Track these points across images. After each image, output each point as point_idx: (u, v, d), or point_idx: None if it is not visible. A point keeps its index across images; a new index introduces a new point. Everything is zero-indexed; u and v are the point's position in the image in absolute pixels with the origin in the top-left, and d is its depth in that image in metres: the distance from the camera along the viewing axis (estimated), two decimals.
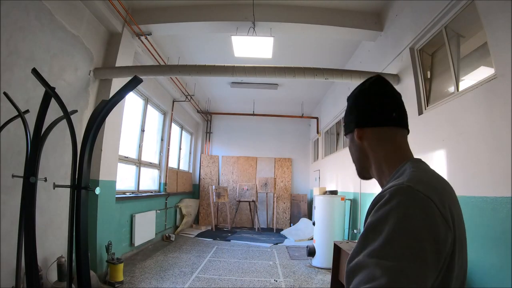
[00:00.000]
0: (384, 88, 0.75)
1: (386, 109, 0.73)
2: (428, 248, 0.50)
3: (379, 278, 0.46)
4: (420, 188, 0.55)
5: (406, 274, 0.47)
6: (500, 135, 2.02)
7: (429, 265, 0.50)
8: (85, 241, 1.40)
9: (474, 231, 2.24)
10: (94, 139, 1.46)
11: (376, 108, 0.74)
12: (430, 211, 0.53)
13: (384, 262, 0.48)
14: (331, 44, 5.13)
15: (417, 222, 0.51)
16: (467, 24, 2.63)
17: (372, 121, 0.73)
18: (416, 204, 0.53)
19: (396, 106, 0.74)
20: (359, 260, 0.52)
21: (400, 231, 0.51)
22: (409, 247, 0.49)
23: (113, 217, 3.95)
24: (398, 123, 0.73)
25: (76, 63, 3.35)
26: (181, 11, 4.19)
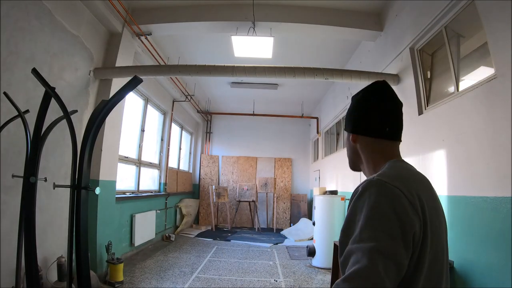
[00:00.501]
0: (384, 100, 0.81)
1: (381, 123, 0.79)
2: (397, 228, 0.58)
3: (361, 259, 0.55)
4: (387, 180, 0.64)
5: (382, 251, 0.56)
6: (500, 135, 2.02)
7: (400, 242, 0.58)
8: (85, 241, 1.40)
9: (474, 231, 2.24)
10: (94, 139, 1.46)
11: (371, 121, 0.80)
12: (396, 197, 0.61)
13: (363, 245, 0.57)
14: (331, 44, 5.13)
15: (385, 208, 0.60)
16: (467, 24, 2.63)
17: (366, 131, 0.81)
18: (384, 193, 0.62)
19: (391, 121, 0.80)
20: (347, 250, 0.61)
21: (373, 217, 0.60)
22: (381, 229, 0.58)
23: (113, 217, 3.95)
24: (390, 137, 0.80)
25: (76, 63, 3.35)
26: (181, 11, 4.19)
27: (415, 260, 0.61)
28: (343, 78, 3.74)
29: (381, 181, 0.64)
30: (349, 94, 5.57)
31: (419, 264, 0.62)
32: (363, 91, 0.85)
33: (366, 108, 0.82)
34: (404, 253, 0.58)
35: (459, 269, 2.35)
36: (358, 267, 0.55)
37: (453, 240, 2.48)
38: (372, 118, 0.80)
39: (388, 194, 0.62)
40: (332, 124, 7.07)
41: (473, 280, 2.18)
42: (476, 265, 2.19)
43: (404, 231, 0.59)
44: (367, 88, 0.84)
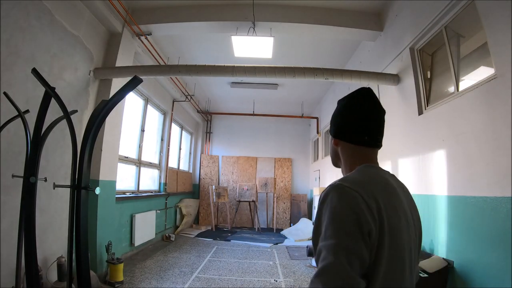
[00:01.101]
0: (366, 109, 0.86)
1: (361, 131, 0.85)
2: (355, 227, 0.66)
3: (327, 256, 0.63)
4: (348, 184, 0.72)
5: (344, 246, 0.64)
6: (500, 135, 2.02)
7: (359, 238, 0.65)
8: (85, 241, 1.40)
9: (474, 231, 2.24)
10: (94, 139, 1.46)
11: (352, 129, 0.86)
12: (354, 200, 0.69)
13: (328, 243, 0.65)
14: (331, 44, 5.13)
15: (344, 210, 0.68)
16: (467, 24, 2.63)
17: (347, 138, 0.87)
18: (344, 196, 0.70)
19: (371, 130, 0.85)
20: (317, 249, 0.68)
21: (334, 218, 0.68)
22: (341, 228, 0.66)
23: (113, 217, 3.95)
24: (369, 145, 0.85)
25: (76, 63, 3.35)
26: (181, 11, 4.19)
27: (373, 256, 0.68)
28: (343, 78, 3.74)
29: (342, 185, 0.72)
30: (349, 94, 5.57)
31: (377, 260, 0.68)
32: (347, 97, 0.90)
33: (348, 116, 0.87)
34: (364, 247, 0.65)
35: (459, 269, 2.35)
36: (326, 263, 0.63)
37: (453, 240, 2.48)
38: (353, 126, 0.86)
39: (347, 197, 0.70)
40: None
41: (473, 280, 2.18)
42: (476, 265, 2.19)
43: (361, 229, 0.66)
44: (351, 95, 0.89)
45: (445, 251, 2.55)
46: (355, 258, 0.63)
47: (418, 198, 3.06)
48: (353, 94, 0.89)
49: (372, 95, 0.87)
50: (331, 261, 0.62)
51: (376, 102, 0.87)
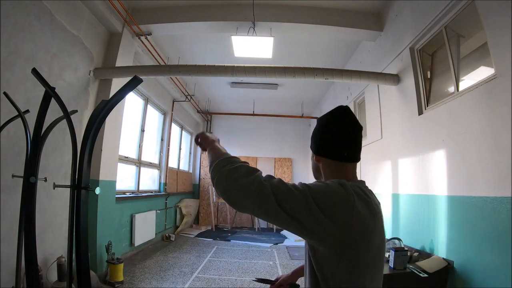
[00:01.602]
0: (343, 127, 0.91)
1: (340, 148, 0.89)
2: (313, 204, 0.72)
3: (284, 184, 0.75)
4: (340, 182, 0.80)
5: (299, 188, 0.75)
6: (500, 135, 2.02)
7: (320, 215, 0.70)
8: (85, 241, 1.40)
9: (474, 231, 2.24)
10: (94, 139, 1.45)
11: (332, 146, 0.90)
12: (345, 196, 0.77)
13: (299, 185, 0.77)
14: (331, 44, 5.13)
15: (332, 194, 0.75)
16: (467, 24, 2.63)
17: (327, 155, 0.91)
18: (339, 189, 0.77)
19: (350, 146, 0.90)
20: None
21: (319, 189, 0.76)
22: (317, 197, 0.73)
23: (113, 217, 3.95)
24: (348, 160, 0.90)
25: (76, 63, 3.35)
26: (181, 11, 4.19)
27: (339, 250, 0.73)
28: (343, 78, 3.74)
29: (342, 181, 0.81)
30: (349, 94, 5.57)
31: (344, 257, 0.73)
32: (326, 116, 0.96)
33: (328, 134, 0.92)
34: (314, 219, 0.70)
35: (459, 269, 2.35)
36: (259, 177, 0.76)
37: (453, 240, 2.48)
38: (333, 143, 0.90)
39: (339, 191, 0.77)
40: None
41: (473, 280, 2.18)
42: (476, 265, 2.19)
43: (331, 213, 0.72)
44: (330, 114, 0.96)
45: (445, 251, 2.55)
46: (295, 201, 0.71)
47: (418, 198, 3.06)
48: (332, 113, 0.95)
49: (349, 112, 0.94)
50: (260, 176, 0.76)
51: (353, 120, 0.93)
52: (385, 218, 3.53)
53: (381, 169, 4.00)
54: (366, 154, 4.61)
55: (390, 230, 3.53)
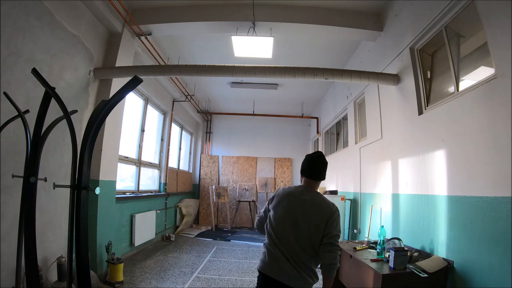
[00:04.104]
0: (309, 161, 1.88)
1: (306, 171, 1.86)
2: (270, 200, 1.86)
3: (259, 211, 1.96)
4: (281, 188, 1.87)
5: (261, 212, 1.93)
6: (500, 135, 2.02)
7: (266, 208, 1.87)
8: (85, 241, 1.40)
9: (474, 231, 2.24)
10: (94, 139, 1.45)
11: (303, 169, 1.87)
12: (278, 193, 1.85)
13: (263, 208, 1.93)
14: (331, 44, 5.13)
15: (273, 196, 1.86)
16: (467, 24, 2.63)
17: (301, 173, 1.88)
18: (277, 190, 1.88)
19: (310, 171, 1.85)
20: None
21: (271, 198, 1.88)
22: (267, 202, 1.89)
23: (113, 217, 3.95)
24: (308, 177, 1.84)
25: (76, 63, 3.35)
26: (181, 11, 4.19)
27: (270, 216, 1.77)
28: (343, 78, 3.74)
29: (282, 188, 1.86)
30: (349, 94, 5.57)
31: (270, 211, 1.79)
32: (313, 155, 1.93)
33: (304, 164, 1.89)
34: (267, 208, 1.85)
35: (459, 269, 2.35)
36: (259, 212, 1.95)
37: (453, 240, 2.48)
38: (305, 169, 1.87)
39: (278, 191, 1.86)
40: (332, 124, 7.07)
41: (473, 280, 2.18)
42: (476, 265, 2.19)
43: (271, 201, 1.82)
44: (314, 155, 1.93)
45: (445, 251, 2.55)
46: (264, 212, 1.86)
47: (418, 198, 3.06)
48: (313, 155, 1.92)
49: (317, 155, 1.91)
50: (258, 213, 1.94)
51: (318, 159, 1.88)
52: (386, 218, 3.51)
53: (381, 169, 4.00)
54: (366, 154, 4.61)
55: (390, 230, 3.53)
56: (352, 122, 5.40)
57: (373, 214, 4.11)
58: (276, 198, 1.77)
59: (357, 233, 4.71)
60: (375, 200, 4.13)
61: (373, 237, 3.85)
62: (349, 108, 5.59)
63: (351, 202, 5.01)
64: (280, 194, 1.77)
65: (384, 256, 2.60)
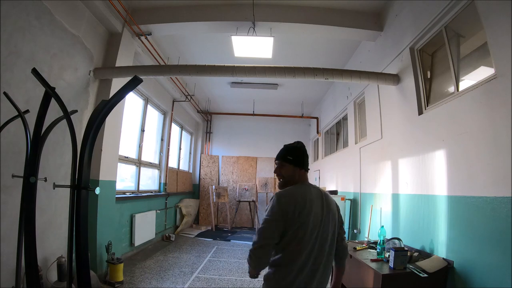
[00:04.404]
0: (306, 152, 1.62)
1: (307, 164, 1.59)
2: (275, 217, 1.35)
3: (262, 224, 1.38)
4: (283, 193, 1.43)
5: (268, 220, 1.36)
6: (500, 135, 2.02)
7: (277, 221, 1.35)
8: (85, 241, 1.40)
9: (474, 231, 2.24)
10: (94, 139, 1.45)
11: (305, 162, 1.57)
12: (280, 202, 1.38)
13: (264, 218, 1.40)
14: (331, 44, 5.13)
15: (274, 207, 1.37)
16: (467, 24, 2.63)
17: (302, 167, 1.55)
18: (277, 199, 1.39)
19: (308, 163, 1.60)
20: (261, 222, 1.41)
21: (268, 210, 1.39)
22: (268, 217, 1.37)
23: (113, 217, 3.95)
24: (306, 169, 1.57)
25: (76, 63, 3.35)
26: (181, 11, 4.19)
27: (286, 226, 1.36)
28: (343, 78, 3.74)
29: (277, 194, 1.43)
30: (349, 94, 5.57)
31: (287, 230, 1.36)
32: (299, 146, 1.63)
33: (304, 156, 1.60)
34: (277, 228, 1.35)
35: (459, 269, 2.35)
36: (259, 227, 1.38)
37: (453, 240, 2.48)
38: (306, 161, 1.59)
39: (278, 201, 1.39)
40: (332, 124, 7.07)
41: (473, 280, 2.18)
42: (476, 265, 2.19)
43: (278, 218, 1.35)
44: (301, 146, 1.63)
45: (445, 251, 2.55)
46: (271, 227, 1.34)
47: (418, 198, 3.06)
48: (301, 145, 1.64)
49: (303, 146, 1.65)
50: (261, 227, 1.37)
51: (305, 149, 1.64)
52: (386, 218, 3.51)
53: (381, 169, 4.00)
54: (366, 154, 4.61)
55: (390, 230, 3.53)
56: (352, 122, 5.40)
57: (373, 214, 4.11)
58: (297, 211, 1.36)
59: (357, 233, 4.71)
60: (375, 200, 4.13)
61: (373, 237, 3.85)
62: (349, 108, 5.59)
63: (351, 202, 5.01)
64: (300, 203, 1.37)
65: (384, 256, 2.60)
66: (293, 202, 1.36)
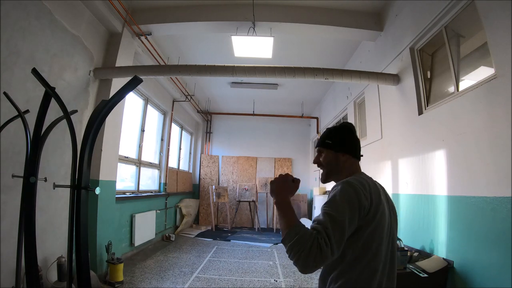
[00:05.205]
0: (355, 134, 1.25)
1: (359, 149, 1.23)
2: (349, 205, 0.95)
3: (323, 216, 0.93)
4: (354, 182, 1.02)
5: (334, 214, 0.91)
6: (500, 135, 2.02)
7: (348, 212, 0.93)
8: (85, 241, 1.40)
9: (474, 231, 2.24)
10: (94, 139, 1.45)
11: (356, 147, 1.22)
12: (356, 189, 0.98)
13: (325, 208, 0.95)
14: (331, 44, 5.13)
15: (348, 193, 0.98)
16: (467, 24, 2.63)
17: (352, 153, 1.20)
18: (351, 187, 0.99)
19: (359, 149, 1.24)
20: (322, 210, 0.96)
21: (340, 196, 0.97)
22: (340, 203, 0.95)
23: (113, 217, 3.95)
24: (359, 158, 1.23)
25: (76, 63, 3.35)
26: (181, 11, 4.19)
27: (360, 225, 0.97)
28: (343, 78, 3.74)
29: (350, 182, 1.02)
30: (349, 94, 5.57)
31: (361, 228, 0.97)
32: (346, 126, 1.26)
33: (351, 139, 1.23)
34: (349, 218, 0.93)
35: (459, 269, 2.35)
36: (319, 218, 0.94)
37: (453, 240, 2.48)
38: (356, 145, 1.22)
39: (354, 188, 0.99)
40: (332, 124, 7.07)
41: (473, 280, 2.18)
42: (476, 265, 2.19)
43: (354, 207, 0.95)
44: (349, 125, 1.26)
45: (445, 251, 2.55)
46: (339, 227, 0.90)
47: (418, 198, 3.06)
48: (350, 124, 1.27)
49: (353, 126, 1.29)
50: (323, 219, 0.92)
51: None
52: None
53: (381, 169, 4.00)
54: (366, 154, 4.59)
55: None
56: (352, 122, 5.40)
57: None
58: (375, 201, 1.00)
59: None
60: None
61: None
62: (349, 108, 5.59)
63: None
64: (375, 198, 1.01)
65: None
66: (367, 195, 0.99)
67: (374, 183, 1.11)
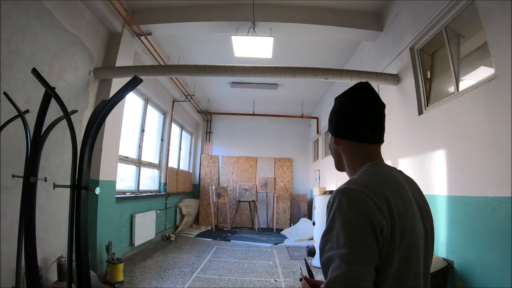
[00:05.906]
0: (365, 104, 0.82)
1: (362, 127, 0.80)
2: (366, 231, 0.63)
3: (341, 266, 0.60)
4: (354, 187, 0.69)
5: (355, 256, 0.60)
6: (500, 135, 2.02)
7: (369, 244, 0.62)
8: (85, 241, 1.40)
9: (474, 231, 2.24)
10: (94, 139, 1.46)
11: (353, 125, 0.82)
12: (363, 201, 0.65)
13: (340, 252, 0.61)
14: (331, 44, 5.13)
15: (354, 214, 0.65)
16: (467, 24, 2.63)
17: (348, 135, 0.83)
18: (352, 199, 0.67)
19: (372, 125, 0.81)
20: (327, 256, 0.64)
21: (345, 224, 0.64)
22: (354, 235, 0.63)
23: (113, 217, 3.95)
24: (371, 141, 0.81)
25: (76, 63, 3.35)
26: (181, 11, 4.19)
27: (383, 256, 0.64)
28: (343, 78, 3.74)
29: (348, 189, 0.69)
30: None
31: (387, 260, 0.65)
32: (345, 94, 0.87)
33: (348, 112, 0.83)
34: (373, 250, 0.63)
35: (459, 269, 2.35)
36: (339, 273, 0.59)
37: (453, 240, 2.48)
38: (354, 122, 0.82)
39: (355, 200, 0.66)
40: None
41: (473, 280, 2.18)
42: (476, 265, 2.19)
43: (374, 229, 0.63)
44: (349, 91, 0.86)
45: (445, 251, 2.55)
46: (367, 268, 0.60)
47: None
48: (351, 89, 0.86)
49: (371, 89, 0.84)
50: (344, 272, 0.58)
51: (375, 96, 0.83)
52: None
53: None
54: None
55: None
56: None
57: None
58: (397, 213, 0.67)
59: None
60: None
61: None
62: None
63: None
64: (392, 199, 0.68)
65: None
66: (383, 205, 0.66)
67: (395, 179, 0.75)
